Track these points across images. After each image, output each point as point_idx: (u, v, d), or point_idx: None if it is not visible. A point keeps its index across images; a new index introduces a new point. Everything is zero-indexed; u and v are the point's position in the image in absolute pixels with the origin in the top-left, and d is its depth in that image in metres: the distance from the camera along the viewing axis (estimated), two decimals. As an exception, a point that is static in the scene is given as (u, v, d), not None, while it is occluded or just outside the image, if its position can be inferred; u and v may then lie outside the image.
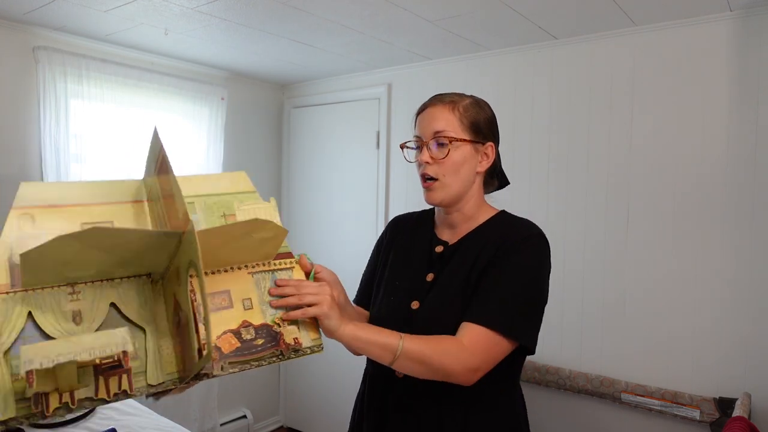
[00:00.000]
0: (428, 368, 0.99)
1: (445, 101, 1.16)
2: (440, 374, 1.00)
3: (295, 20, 2.23)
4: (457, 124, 1.13)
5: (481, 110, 1.17)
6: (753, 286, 2.01)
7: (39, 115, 2.42)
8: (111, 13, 2.19)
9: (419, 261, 1.22)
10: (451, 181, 1.14)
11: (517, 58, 2.57)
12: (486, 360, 1.02)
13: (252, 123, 3.43)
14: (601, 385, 2.26)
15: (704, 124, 2.10)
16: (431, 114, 1.15)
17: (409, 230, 1.30)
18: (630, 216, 2.27)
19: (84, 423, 1.81)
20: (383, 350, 0.98)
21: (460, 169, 1.14)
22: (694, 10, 2.04)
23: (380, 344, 0.99)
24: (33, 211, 0.88)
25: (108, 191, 0.95)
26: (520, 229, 1.13)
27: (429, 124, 1.14)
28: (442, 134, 1.12)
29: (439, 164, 1.13)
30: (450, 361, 0.99)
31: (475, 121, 1.15)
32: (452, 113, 1.14)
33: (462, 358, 0.99)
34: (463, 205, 1.18)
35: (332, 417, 3.37)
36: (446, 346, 1.01)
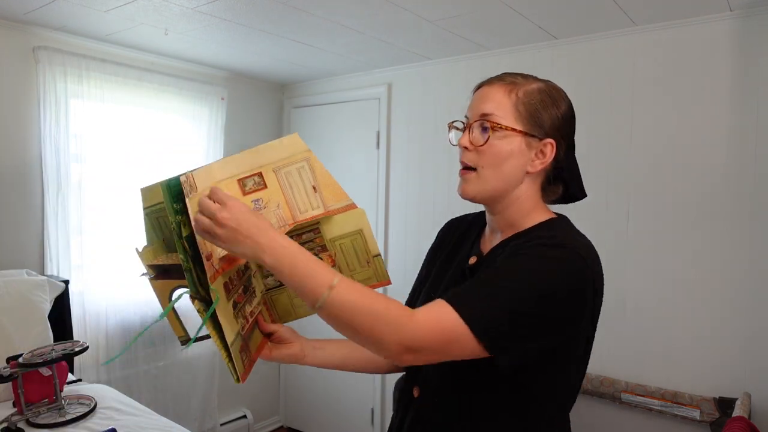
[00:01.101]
0: (356, 328, 0.80)
1: (505, 81, 0.97)
2: (368, 340, 0.81)
3: (295, 20, 2.23)
4: (510, 109, 0.94)
5: (549, 100, 0.97)
6: (753, 286, 2.01)
7: (39, 114, 2.42)
8: (111, 13, 2.19)
9: (455, 272, 1.06)
10: (489, 175, 0.95)
11: (517, 58, 2.57)
12: (432, 346, 0.81)
13: (252, 123, 3.43)
14: (601, 385, 2.26)
15: (704, 123, 2.10)
16: (484, 93, 0.97)
17: (458, 235, 1.14)
18: (630, 216, 2.27)
19: (84, 423, 1.81)
20: (311, 281, 0.79)
21: (503, 163, 0.94)
22: (694, 10, 2.04)
23: (311, 271, 0.80)
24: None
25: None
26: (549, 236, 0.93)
27: (478, 105, 0.97)
28: (487, 118, 0.94)
29: (479, 152, 0.95)
30: (385, 329, 0.79)
31: (537, 110, 0.95)
32: (508, 96, 0.95)
33: (403, 329, 0.80)
34: (505, 208, 0.98)
35: (332, 417, 3.37)
36: (389, 308, 0.80)
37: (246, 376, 0.91)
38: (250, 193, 0.90)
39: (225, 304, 0.85)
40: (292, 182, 0.91)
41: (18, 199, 2.42)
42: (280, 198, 0.91)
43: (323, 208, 0.93)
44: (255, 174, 0.90)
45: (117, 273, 2.67)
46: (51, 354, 1.84)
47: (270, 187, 0.90)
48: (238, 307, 0.92)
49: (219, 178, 0.87)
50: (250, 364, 0.95)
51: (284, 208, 0.92)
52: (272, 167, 0.90)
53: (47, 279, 2.25)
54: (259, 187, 0.90)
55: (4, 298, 2.07)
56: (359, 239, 0.97)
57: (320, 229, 0.97)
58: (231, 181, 0.88)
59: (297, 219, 0.93)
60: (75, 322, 2.46)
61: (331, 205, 0.93)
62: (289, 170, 0.91)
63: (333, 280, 0.79)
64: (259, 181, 0.90)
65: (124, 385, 2.66)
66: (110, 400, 2.00)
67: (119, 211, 2.67)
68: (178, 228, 0.82)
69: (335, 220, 0.94)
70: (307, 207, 0.93)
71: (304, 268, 0.80)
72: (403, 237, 3.01)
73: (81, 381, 2.28)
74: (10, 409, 1.88)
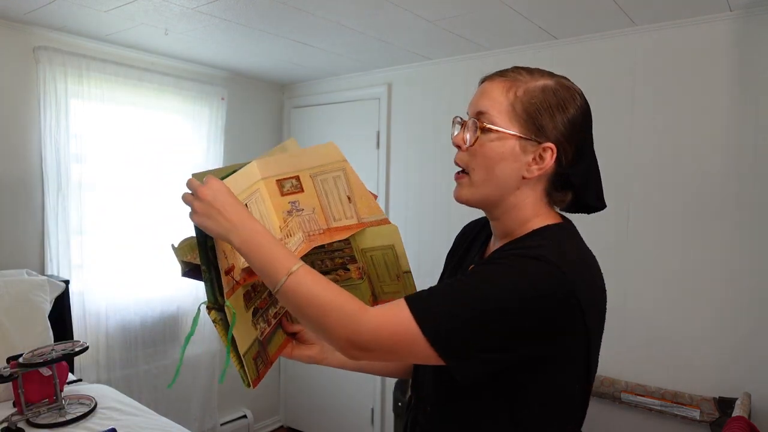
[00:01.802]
0: (308, 317, 0.81)
1: (507, 77, 0.90)
2: (319, 332, 0.82)
3: (295, 20, 2.23)
4: (506, 108, 0.87)
5: (554, 100, 0.88)
6: (753, 286, 2.01)
7: (39, 114, 2.43)
8: (111, 13, 2.19)
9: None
10: (480, 179, 0.89)
11: (517, 58, 2.57)
12: (382, 345, 0.78)
13: (252, 123, 3.43)
14: (601, 385, 2.26)
15: (704, 123, 2.10)
16: (483, 89, 0.91)
17: (470, 239, 1.09)
18: (630, 216, 2.27)
19: (84, 423, 1.81)
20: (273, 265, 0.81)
21: (494, 166, 0.87)
22: (694, 10, 2.04)
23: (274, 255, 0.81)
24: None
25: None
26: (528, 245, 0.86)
27: (476, 101, 0.91)
28: (480, 117, 0.88)
29: (470, 153, 0.89)
30: (334, 323, 0.78)
31: (537, 111, 0.86)
32: (505, 94, 0.88)
33: (352, 325, 0.78)
34: (503, 215, 0.92)
35: (332, 417, 3.38)
36: (345, 302, 0.79)
37: (259, 381, 0.92)
38: (288, 195, 0.92)
39: (242, 315, 0.86)
40: (327, 189, 0.93)
41: (18, 199, 2.42)
42: (315, 203, 0.93)
43: (357, 219, 0.95)
44: (293, 177, 0.92)
45: (117, 273, 2.67)
46: (51, 354, 1.84)
47: (306, 191, 0.92)
48: (260, 313, 0.93)
49: (259, 176, 0.89)
50: (265, 368, 0.95)
51: (319, 213, 0.94)
52: (309, 172, 0.92)
53: (47, 279, 2.25)
54: (296, 190, 0.92)
55: (4, 298, 2.07)
56: (390, 253, 0.99)
57: (350, 239, 0.98)
58: (270, 181, 0.90)
59: (331, 226, 0.94)
60: (75, 322, 2.46)
61: (364, 217, 0.95)
62: (326, 177, 0.93)
63: (293, 266, 0.80)
64: (297, 185, 0.92)
65: (124, 385, 2.66)
66: (110, 400, 2.00)
67: (119, 211, 2.67)
68: (203, 238, 0.85)
69: (367, 233, 0.96)
70: (341, 216, 0.95)
71: (268, 252, 0.81)
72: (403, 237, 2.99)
73: (81, 381, 2.29)
74: (11, 409, 1.88)
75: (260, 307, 0.93)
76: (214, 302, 0.85)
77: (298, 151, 0.92)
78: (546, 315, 0.79)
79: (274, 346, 1.00)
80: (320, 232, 0.94)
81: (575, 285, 0.81)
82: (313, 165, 0.92)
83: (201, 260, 0.85)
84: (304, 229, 0.93)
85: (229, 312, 0.82)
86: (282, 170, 0.90)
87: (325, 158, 0.92)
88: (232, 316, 0.82)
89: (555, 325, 0.81)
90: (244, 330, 0.87)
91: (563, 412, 0.91)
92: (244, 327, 0.87)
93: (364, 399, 3.20)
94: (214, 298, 0.85)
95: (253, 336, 0.90)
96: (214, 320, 0.86)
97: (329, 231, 0.94)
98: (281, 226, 0.93)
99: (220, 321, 0.85)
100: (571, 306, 0.81)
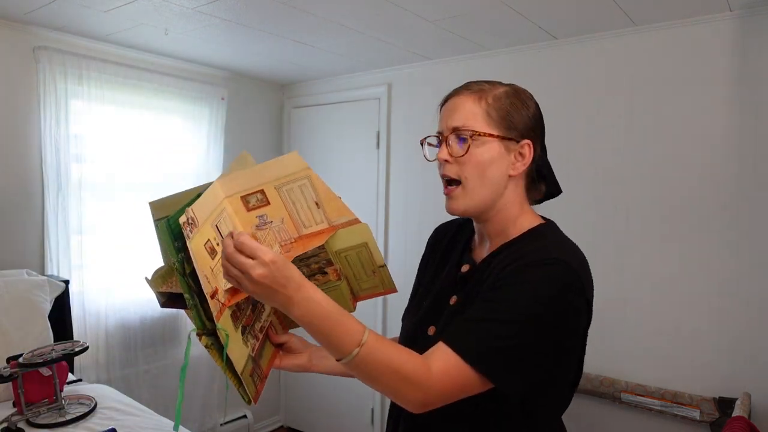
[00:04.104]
0: (381, 385, 0.82)
1: (472, 90, 0.97)
2: (391, 396, 0.84)
3: (295, 20, 2.23)
4: (482, 116, 0.94)
5: (518, 102, 0.97)
6: (753, 286, 2.01)
7: (39, 115, 2.43)
8: (111, 13, 2.19)
9: (447, 280, 1.05)
10: (475, 186, 0.94)
11: (517, 58, 2.57)
12: (450, 399, 0.84)
13: (252, 123, 3.43)
14: (601, 385, 2.26)
15: (704, 124, 2.10)
16: (454, 105, 0.98)
17: (447, 241, 1.13)
18: (630, 216, 2.27)
19: (84, 423, 1.81)
20: (342, 338, 0.79)
21: (486, 170, 0.94)
22: (694, 10, 2.04)
23: (341, 327, 0.80)
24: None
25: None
26: (539, 250, 0.91)
27: (449, 117, 0.97)
28: (462, 128, 0.94)
29: (460, 163, 0.94)
30: (409, 391, 0.81)
31: (508, 114, 0.95)
32: (478, 104, 0.95)
33: (424, 390, 0.81)
34: (494, 216, 0.98)
35: (332, 417, 3.38)
36: (411, 366, 0.81)
37: (258, 395, 0.93)
38: (255, 209, 0.91)
39: (233, 335, 0.86)
40: (294, 198, 0.92)
41: (18, 199, 2.42)
42: (283, 213, 0.93)
43: (327, 223, 0.95)
44: (257, 191, 0.91)
45: (117, 273, 2.67)
46: (51, 354, 1.84)
47: (273, 203, 0.92)
48: (248, 330, 0.93)
49: (223, 195, 0.88)
50: (262, 382, 0.96)
51: (288, 223, 0.93)
52: (274, 185, 0.91)
53: (47, 279, 2.25)
54: (262, 204, 0.91)
55: (4, 298, 2.07)
56: (364, 251, 0.99)
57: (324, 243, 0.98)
58: (235, 198, 0.89)
59: (302, 233, 0.94)
60: (75, 322, 2.46)
61: (335, 220, 0.95)
62: (291, 187, 0.92)
63: (363, 337, 0.79)
64: (262, 198, 0.91)
65: (124, 384, 2.66)
66: (110, 400, 2.00)
67: (119, 211, 2.67)
68: (181, 266, 0.83)
69: (339, 235, 0.96)
70: (311, 222, 0.94)
71: (334, 324, 0.80)
72: (403, 237, 3.01)
73: (81, 381, 2.29)
74: (11, 409, 1.88)
75: (247, 324, 0.94)
76: (203, 327, 0.85)
77: (260, 165, 0.92)
78: (571, 318, 0.89)
79: (266, 359, 1.02)
80: (292, 241, 0.94)
81: (585, 283, 0.91)
82: (277, 177, 0.91)
83: (183, 289, 0.83)
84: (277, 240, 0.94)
85: (221, 334, 0.82)
86: (245, 186, 0.90)
87: (288, 169, 0.91)
88: (225, 338, 0.82)
89: (577, 325, 0.91)
90: (237, 349, 0.87)
91: (562, 401, 1.00)
92: (237, 346, 0.88)
93: (364, 399, 3.20)
94: (202, 323, 0.85)
95: (246, 353, 0.91)
96: (207, 345, 0.85)
97: (301, 239, 0.95)
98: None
99: (212, 345, 0.85)
100: (584, 303, 0.91)
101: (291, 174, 0.92)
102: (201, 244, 0.81)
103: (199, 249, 0.81)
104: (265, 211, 0.92)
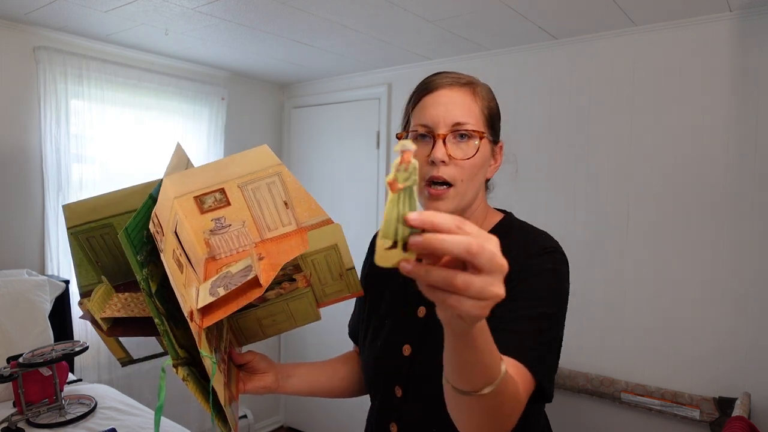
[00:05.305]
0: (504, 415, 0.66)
1: (462, 82, 0.89)
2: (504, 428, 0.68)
3: (295, 20, 2.23)
4: (477, 115, 0.87)
5: (495, 101, 0.94)
6: (754, 286, 2.01)
7: (39, 115, 2.43)
8: (111, 13, 2.19)
9: (409, 290, 0.95)
10: (467, 189, 0.88)
11: (517, 58, 2.57)
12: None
13: (252, 123, 3.43)
14: (601, 385, 2.26)
15: (704, 123, 2.10)
16: (449, 98, 0.87)
17: None
18: (630, 216, 2.27)
19: (84, 423, 1.81)
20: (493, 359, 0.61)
21: (477, 173, 0.88)
22: (694, 10, 2.04)
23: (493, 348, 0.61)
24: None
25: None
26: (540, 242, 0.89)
27: (448, 112, 0.86)
28: (464, 127, 0.86)
29: (457, 166, 0.86)
30: (514, 414, 0.68)
31: (493, 114, 0.91)
32: (474, 101, 0.88)
33: (519, 410, 0.70)
34: (469, 216, 0.93)
35: (332, 417, 3.38)
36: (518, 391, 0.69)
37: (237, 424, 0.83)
38: (210, 212, 0.81)
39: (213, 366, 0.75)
40: (260, 198, 0.83)
41: (18, 199, 2.42)
42: (245, 215, 0.83)
43: (296, 225, 0.85)
44: (216, 190, 0.80)
45: (117, 273, 2.66)
46: (51, 354, 1.84)
47: (234, 204, 0.82)
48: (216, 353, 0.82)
49: (173, 195, 0.77)
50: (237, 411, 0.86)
51: (251, 226, 0.84)
52: (237, 182, 0.81)
53: (47, 279, 2.25)
54: (220, 205, 0.81)
55: (4, 298, 2.07)
56: (333, 253, 0.89)
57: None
58: (186, 198, 0.79)
59: (264, 237, 0.85)
60: (75, 322, 2.46)
61: (304, 221, 0.85)
62: (258, 185, 0.82)
63: (502, 363, 0.63)
64: (221, 198, 0.81)
65: (124, 385, 2.66)
66: (110, 400, 2.00)
67: (119, 211, 2.67)
68: (147, 285, 0.69)
69: (309, 237, 0.86)
70: (277, 224, 0.85)
71: (491, 343, 0.61)
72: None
73: (81, 381, 2.29)
74: (11, 409, 1.88)
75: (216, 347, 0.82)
76: (176, 357, 0.72)
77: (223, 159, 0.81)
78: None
79: (233, 383, 0.89)
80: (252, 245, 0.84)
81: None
82: (242, 173, 0.81)
83: (152, 313, 0.69)
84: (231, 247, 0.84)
85: (207, 363, 0.71)
86: (200, 184, 0.79)
87: (256, 164, 0.81)
88: (212, 367, 0.71)
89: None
90: (217, 378, 0.76)
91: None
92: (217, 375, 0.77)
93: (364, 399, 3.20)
94: (175, 351, 0.72)
95: (221, 381, 0.80)
96: (184, 378, 0.72)
97: (263, 243, 0.85)
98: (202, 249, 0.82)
99: (189, 377, 0.72)
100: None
101: (259, 171, 0.81)
102: (170, 256, 0.70)
103: (169, 262, 0.69)
104: (224, 213, 0.82)
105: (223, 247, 0.84)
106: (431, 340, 0.89)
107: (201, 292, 0.75)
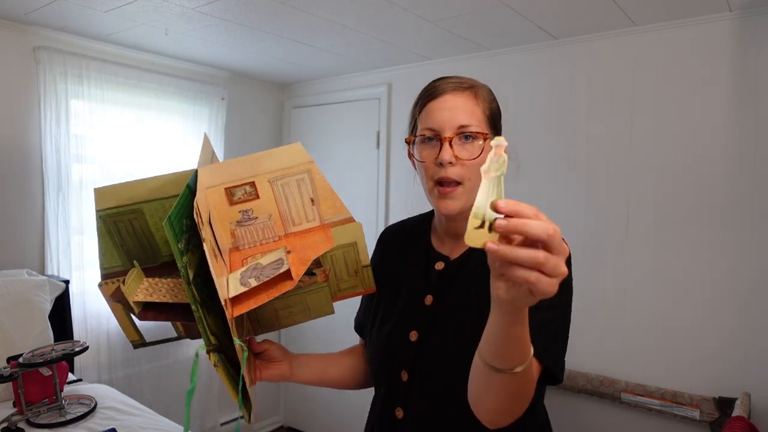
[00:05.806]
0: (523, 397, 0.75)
1: (464, 86, 0.95)
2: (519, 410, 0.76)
3: (295, 20, 2.23)
4: (480, 116, 0.93)
5: (495, 101, 0.98)
6: (753, 286, 2.01)
7: (39, 115, 2.43)
8: (111, 13, 2.19)
9: (416, 280, 1.02)
10: (474, 186, 0.91)
11: (517, 58, 2.57)
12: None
13: (252, 123, 3.43)
14: (601, 385, 2.26)
15: (704, 123, 2.10)
16: (453, 103, 0.93)
17: (403, 243, 1.11)
18: (630, 215, 2.27)
19: (84, 423, 1.82)
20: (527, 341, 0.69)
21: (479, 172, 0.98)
22: (694, 10, 2.04)
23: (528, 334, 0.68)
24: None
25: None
26: None
27: (453, 115, 0.92)
28: (468, 129, 0.91)
29: (464, 166, 0.91)
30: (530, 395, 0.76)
31: (494, 114, 0.97)
32: (476, 103, 0.94)
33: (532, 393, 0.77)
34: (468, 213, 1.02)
35: (332, 417, 3.38)
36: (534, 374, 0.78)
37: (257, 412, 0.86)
38: (239, 203, 0.84)
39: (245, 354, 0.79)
40: (288, 193, 0.86)
41: (18, 199, 2.42)
42: (272, 209, 0.86)
43: (319, 221, 0.89)
44: (246, 183, 0.84)
45: (117, 273, 2.66)
46: (51, 354, 1.84)
47: (263, 197, 0.85)
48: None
49: (206, 185, 0.81)
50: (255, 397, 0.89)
51: (276, 219, 0.87)
52: (268, 177, 0.84)
53: (47, 279, 2.25)
54: (249, 198, 0.84)
55: (4, 298, 2.07)
56: (352, 250, 0.92)
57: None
58: (217, 189, 0.83)
59: (289, 231, 0.88)
60: (75, 322, 2.46)
61: (328, 218, 0.89)
62: (287, 181, 0.85)
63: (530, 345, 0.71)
64: (251, 191, 0.84)
65: (124, 385, 2.66)
66: (110, 400, 2.00)
67: (119, 211, 2.67)
68: (186, 273, 0.72)
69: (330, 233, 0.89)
70: (302, 219, 0.88)
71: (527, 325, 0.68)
72: (403, 237, 3.00)
73: (81, 381, 2.29)
74: (11, 409, 1.88)
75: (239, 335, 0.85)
76: (209, 343, 0.76)
77: (258, 154, 0.84)
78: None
79: (252, 371, 0.93)
80: (275, 239, 0.87)
81: None
82: (275, 169, 0.84)
83: (189, 299, 0.73)
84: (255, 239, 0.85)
85: (240, 351, 0.74)
86: (233, 177, 0.82)
87: (289, 161, 0.84)
88: (244, 355, 0.74)
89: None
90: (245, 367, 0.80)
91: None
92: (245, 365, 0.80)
93: (364, 399, 3.19)
94: (208, 338, 0.76)
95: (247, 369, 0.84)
96: (215, 364, 0.75)
97: (287, 237, 0.87)
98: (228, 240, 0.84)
99: (219, 362, 0.76)
100: None
101: (291, 167, 0.85)
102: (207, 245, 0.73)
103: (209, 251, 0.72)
104: (252, 206, 0.84)
105: (247, 238, 0.86)
106: (438, 327, 0.94)
107: (231, 281, 0.78)
